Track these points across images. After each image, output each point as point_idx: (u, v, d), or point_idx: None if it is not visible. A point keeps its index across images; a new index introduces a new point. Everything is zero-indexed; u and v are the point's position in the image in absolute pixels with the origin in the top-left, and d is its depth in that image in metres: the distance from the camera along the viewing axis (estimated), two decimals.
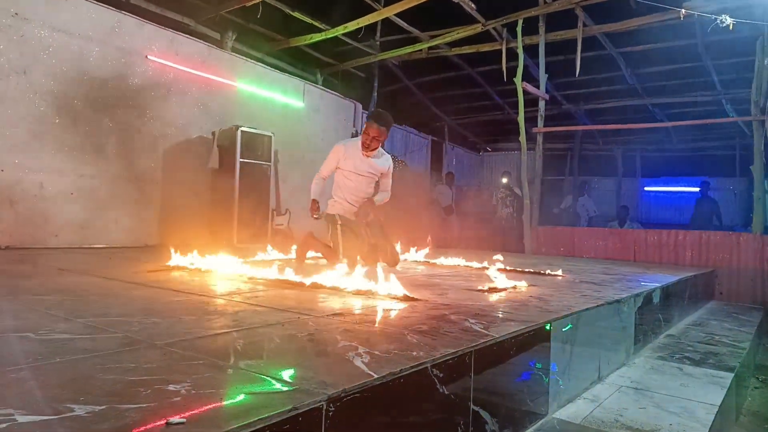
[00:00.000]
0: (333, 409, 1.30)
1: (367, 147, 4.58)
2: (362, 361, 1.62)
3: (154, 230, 6.70)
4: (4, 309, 2.27)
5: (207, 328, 2.04)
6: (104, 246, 6.07)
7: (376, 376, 1.47)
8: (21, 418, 1.11)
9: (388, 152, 5.04)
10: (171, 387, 1.33)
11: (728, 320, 5.17)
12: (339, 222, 4.61)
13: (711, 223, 10.45)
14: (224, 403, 1.27)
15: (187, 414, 1.15)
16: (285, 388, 1.39)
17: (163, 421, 1.11)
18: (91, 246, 5.97)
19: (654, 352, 3.69)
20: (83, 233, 5.97)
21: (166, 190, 6.82)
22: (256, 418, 1.13)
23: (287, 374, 1.53)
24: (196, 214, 7.12)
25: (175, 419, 1.11)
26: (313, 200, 4.57)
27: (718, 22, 5.82)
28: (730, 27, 5.78)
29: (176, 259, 4.16)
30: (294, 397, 1.29)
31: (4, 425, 1.07)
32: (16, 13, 5.41)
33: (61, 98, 5.76)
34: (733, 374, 3.19)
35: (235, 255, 4.83)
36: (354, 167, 4.63)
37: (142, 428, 1.09)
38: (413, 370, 1.59)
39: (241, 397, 1.32)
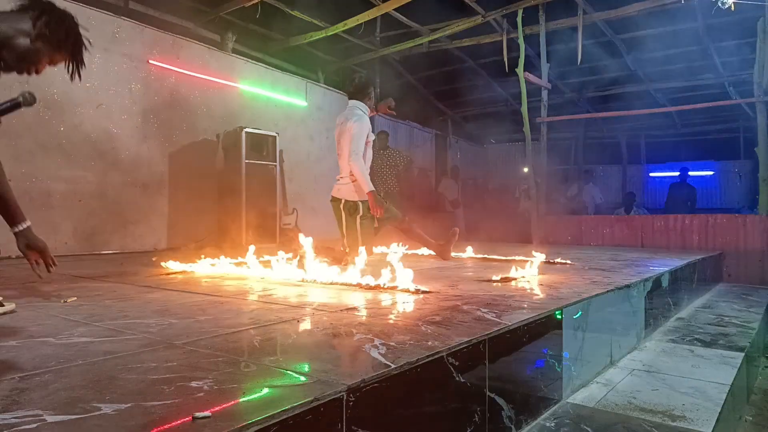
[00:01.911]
0: (353, 399, 1.33)
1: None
2: (379, 353, 1.65)
3: (163, 234, 6.75)
4: (23, 316, 2.31)
5: (224, 327, 2.07)
6: (115, 252, 6.12)
7: (393, 366, 1.50)
8: (50, 418, 1.14)
9: (392, 147, 5.06)
10: (194, 383, 1.36)
11: (737, 301, 5.17)
12: (360, 213, 4.29)
13: (686, 208, 10.51)
14: (247, 396, 1.29)
15: (211, 408, 1.18)
16: (305, 380, 1.42)
17: (188, 416, 1.13)
18: (101, 252, 6.02)
19: (665, 336, 3.70)
20: (93, 240, 6.02)
21: (173, 194, 6.87)
22: (279, 410, 1.16)
23: (306, 367, 1.56)
24: (204, 216, 7.17)
25: (201, 413, 1.14)
26: (374, 193, 4.22)
27: (719, 3, 5.80)
28: (732, 8, 5.76)
29: (186, 262, 4.21)
30: (314, 388, 1.31)
31: (34, 425, 1.10)
32: None
33: (65, 106, 5.80)
34: (743, 354, 3.20)
35: (244, 256, 4.86)
36: (370, 136, 4.44)
37: (169, 423, 1.12)
38: (429, 359, 1.62)
39: (263, 390, 1.34)
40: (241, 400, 1.27)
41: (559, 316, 2.44)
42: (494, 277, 3.56)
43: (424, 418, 1.61)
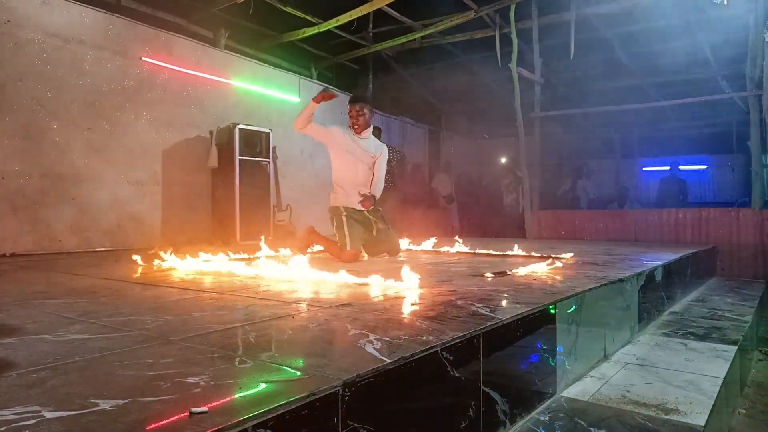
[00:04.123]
0: (348, 393, 1.33)
1: (355, 128, 4.84)
2: (374, 348, 1.66)
3: (157, 231, 6.73)
4: (18, 314, 2.30)
5: (219, 323, 2.08)
6: (109, 249, 6.10)
7: (388, 360, 1.51)
8: (48, 414, 1.14)
9: (385, 143, 5.15)
10: (190, 379, 1.37)
11: (730, 295, 5.21)
12: (344, 213, 4.72)
13: (678, 201, 10.59)
14: (243, 391, 1.30)
15: (208, 404, 1.18)
16: (301, 376, 1.43)
17: (186, 411, 1.14)
18: (95, 249, 6.01)
19: (658, 329, 3.73)
20: (86, 237, 6.01)
21: (167, 191, 6.85)
22: (275, 405, 1.17)
23: (301, 362, 1.56)
24: (198, 213, 7.16)
25: (198, 409, 1.15)
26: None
27: None
28: (725, 1, 5.77)
29: (180, 258, 4.21)
30: (310, 383, 1.32)
31: (33, 421, 1.10)
32: (9, 21, 5.42)
33: (58, 104, 5.78)
34: (736, 347, 3.23)
35: (238, 252, 4.88)
36: (347, 146, 4.76)
37: (167, 419, 1.12)
38: (424, 354, 1.63)
39: (259, 385, 1.35)
40: (237, 395, 1.28)
41: (552, 311, 2.46)
42: (488, 273, 3.58)
43: (419, 412, 1.62)
